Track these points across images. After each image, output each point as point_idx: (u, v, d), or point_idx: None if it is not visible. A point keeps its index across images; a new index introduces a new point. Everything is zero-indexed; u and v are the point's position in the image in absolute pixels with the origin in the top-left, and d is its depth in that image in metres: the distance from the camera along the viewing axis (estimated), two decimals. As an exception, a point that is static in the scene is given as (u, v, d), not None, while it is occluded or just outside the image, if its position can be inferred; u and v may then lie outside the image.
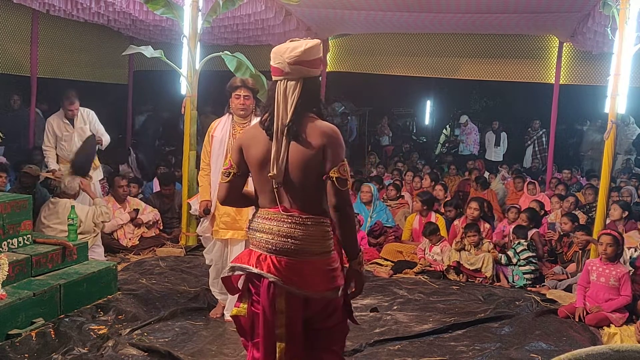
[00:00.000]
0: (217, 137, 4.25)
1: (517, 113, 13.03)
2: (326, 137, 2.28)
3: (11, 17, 7.37)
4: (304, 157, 2.28)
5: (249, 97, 4.18)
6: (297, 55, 2.30)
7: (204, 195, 4.32)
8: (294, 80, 2.32)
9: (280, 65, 2.33)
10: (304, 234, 2.30)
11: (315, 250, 2.31)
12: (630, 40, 5.04)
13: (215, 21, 6.65)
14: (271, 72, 2.38)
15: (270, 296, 2.28)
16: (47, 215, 5.28)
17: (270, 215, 2.35)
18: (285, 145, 2.29)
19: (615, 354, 0.95)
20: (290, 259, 2.29)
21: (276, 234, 2.31)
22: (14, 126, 7.69)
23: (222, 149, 4.22)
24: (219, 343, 3.86)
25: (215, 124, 4.32)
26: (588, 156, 11.42)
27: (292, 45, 2.34)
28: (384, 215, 6.81)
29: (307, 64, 2.33)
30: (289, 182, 2.31)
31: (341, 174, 2.27)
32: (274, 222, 2.33)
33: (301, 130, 2.28)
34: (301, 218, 2.31)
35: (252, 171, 2.42)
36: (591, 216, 6.39)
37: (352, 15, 7.67)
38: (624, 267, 4.55)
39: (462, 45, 9.05)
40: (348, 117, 13.34)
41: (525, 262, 5.45)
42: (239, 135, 2.70)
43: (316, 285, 2.30)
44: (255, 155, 2.37)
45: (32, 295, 3.83)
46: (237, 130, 4.24)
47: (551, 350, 3.94)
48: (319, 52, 2.39)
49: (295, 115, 2.29)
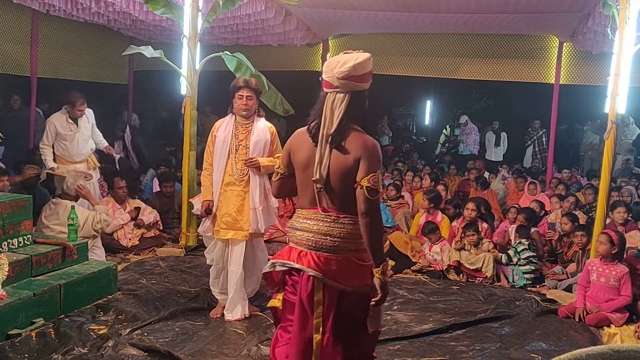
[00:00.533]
0: (220, 137, 4.25)
1: (517, 113, 13.02)
2: (363, 149, 2.47)
3: (11, 17, 7.36)
4: (343, 165, 2.48)
5: (251, 97, 4.19)
6: (346, 71, 2.47)
7: (206, 195, 4.32)
8: (342, 93, 2.51)
9: (330, 79, 2.51)
10: (340, 232, 2.51)
11: (351, 247, 2.52)
12: (630, 40, 5.04)
13: (215, 21, 6.65)
14: (322, 84, 2.57)
15: (309, 289, 2.47)
16: (48, 216, 5.28)
17: (311, 215, 2.57)
18: (328, 152, 2.50)
19: (615, 354, 0.95)
20: (329, 255, 2.50)
21: (316, 232, 2.52)
22: (14, 126, 7.68)
23: (224, 149, 4.23)
24: (219, 343, 3.86)
25: (219, 124, 4.33)
26: (588, 156, 11.42)
27: (343, 59, 2.51)
28: (383, 215, 6.80)
29: (355, 79, 2.50)
30: (328, 185, 2.51)
31: (371, 184, 2.45)
32: (313, 221, 2.55)
33: (343, 141, 2.49)
34: (338, 218, 2.52)
35: (297, 173, 2.65)
36: (591, 216, 6.39)
37: (352, 15, 7.67)
38: (623, 267, 4.55)
39: (462, 45, 9.04)
40: None
41: (526, 261, 5.45)
42: (291, 139, 2.75)
43: (351, 280, 2.50)
44: (300, 158, 2.61)
45: (32, 295, 3.83)
46: (240, 130, 4.24)
47: (551, 350, 3.95)
48: (369, 66, 2.54)
49: (339, 126, 2.49)
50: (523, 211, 6.23)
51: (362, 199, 2.45)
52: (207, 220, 4.34)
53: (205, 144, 4.45)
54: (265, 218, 4.23)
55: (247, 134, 4.23)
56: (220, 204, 4.26)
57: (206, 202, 4.31)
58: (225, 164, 4.24)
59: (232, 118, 4.27)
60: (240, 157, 4.20)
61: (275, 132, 4.36)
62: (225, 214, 4.20)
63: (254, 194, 4.18)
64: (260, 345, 3.80)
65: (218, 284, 4.39)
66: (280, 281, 2.63)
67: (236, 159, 4.21)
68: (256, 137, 4.21)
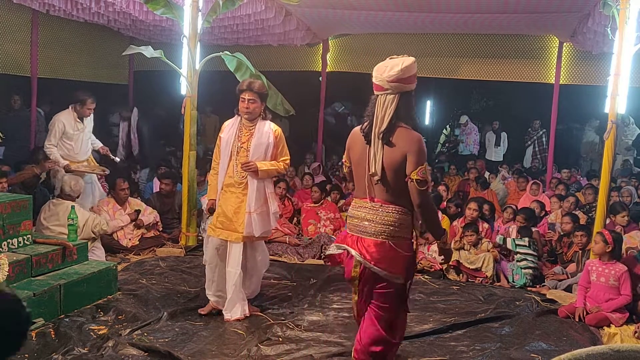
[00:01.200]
0: (224, 138, 4.27)
1: (517, 113, 12.99)
2: (410, 144, 2.76)
3: (11, 17, 7.36)
4: (393, 159, 2.77)
5: (254, 100, 4.16)
6: (395, 74, 2.75)
7: (211, 194, 4.37)
8: (392, 94, 2.80)
9: (380, 83, 2.81)
10: (382, 219, 2.82)
11: (390, 233, 2.82)
12: (630, 40, 5.04)
13: (215, 21, 6.64)
14: (373, 87, 2.85)
15: (352, 265, 2.89)
16: (47, 217, 5.28)
17: (361, 203, 2.91)
18: (380, 148, 2.80)
19: (615, 354, 0.95)
20: (369, 238, 2.83)
21: (362, 219, 2.88)
22: (14, 126, 7.69)
23: (227, 149, 4.24)
24: (218, 343, 3.86)
25: (225, 125, 4.34)
26: (588, 156, 11.41)
27: (390, 64, 2.79)
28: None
29: (403, 81, 2.78)
30: (382, 179, 2.82)
31: (420, 176, 2.73)
32: (362, 209, 2.89)
33: (391, 138, 2.78)
34: (382, 206, 2.83)
35: (352, 167, 3.00)
36: (591, 216, 6.39)
37: (352, 15, 7.67)
38: (622, 266, 4.55)
39: (462, 45, 9.04)
40: (348, 117, 13.31)
41: (522, 257, 5.46)
42: (349, 137, 3.03)
43: (383, 264, 2.80)
44: (354, 154, 2.95)
45: (32, 295, 3.83)
46: (244, 132, 4.23)
47: (551, 350, 3.95)
48: (414, 69, 2.82)
49: (389, 125, 2.77)
50: (522, 211, 6.23)
51: (414, 191, 2.76)
52: (209, 219, 4.37)
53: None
54: (261, 223, 4.19)
55: (249, 136, 4.22)
56: (219, 203, 4.26)
57: (211, 201, 4.36)
58: (227, 165, 4.25)
59: (237, 120, 4.27)
60: (240, 160, 4.19)
61: (280, 135, 4.32)
62: (222, 214, 4.20)
63: (251, 198, 4.15)
64: (260, 345, 3.80)
65: (212, 286, 4.34)
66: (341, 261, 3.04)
67: (237, 161, 4.20)
68: (257, 141, 4.19)
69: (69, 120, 5.91)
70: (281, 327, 4.14)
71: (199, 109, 6.35)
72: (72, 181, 5.41)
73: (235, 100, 4.24)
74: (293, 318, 4.35)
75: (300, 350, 3.76)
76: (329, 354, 3.74)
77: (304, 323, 4.27)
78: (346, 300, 4.85)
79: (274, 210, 4.30)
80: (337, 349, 3.80)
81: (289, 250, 6.22)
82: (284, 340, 3.93)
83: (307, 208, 7.01)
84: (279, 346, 3.81)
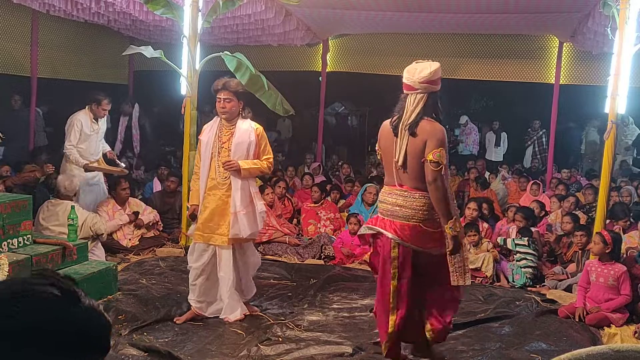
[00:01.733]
0: (204, 140, 4.18)
1: (517, 113, 12.99)
2: (429, 132, 3.17)
3: (11, 17, 7.36)
4: (416, 148, 3.18)
5: (230, 100, 4.06)
6: (425, 76, 3.19)
7: (193, 199, 4.26)
8: (421, 94, 3.22)
9: (411, 83, 3.22)
10: (411, 204, 3.21)
11: (420, 217, 3.22)
12: (630, 40, 5.04)
13: (215, 21, 6.64)
14: (403, 87, 3.26)
15: (389, 247, 3.23)
16: (47, 217, 5.27)
17: (391, 190, 3.30)
18: (406, 139, 3.19)
19: (616, 354, 0.95)
20: (402, 222, 3.22)
21: (393, 204, 3.25)
22: (14, 126, 7.69)
23: (208, 151, 4.13)
24: (218, 343, 3.86)
25: (205, 127, 4.25)
26: (588, 156, 11.41)
27: (420, 67, 3.22)
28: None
29: (432, 83, 3.24)
30: (405, 166, 3.22)
31: (435, 158, 3.11)
32: (392, 195, 3.28)
33: (416, 129, 3.17)
34: (410, 193, 3.23)
35: (382, 157, 3.39)
36: (591, 216, 6.39)
37: (352, 15, 7.67)
38: (621, 266, 4.55)
39: (462, 45, 9.04)
40: (348, 117, 13.34)
41: (522, 256, 5.46)
42: (380, 130, 3.41)
43: (421, 242, 3.23)
44: (384, 145, 3.37)
45: (32, 295, 3.82)
46: (224, 132, 4.13)
47: (551, 350, 3.94)
48: (440, 73, 3.29)
49: (415, 118, 3.18)
50: (521, 210, 6.24)
51: (428, 171, 3.15)
52: (194, 224, 4.25)
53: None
54: (248, 223, 4.08)
55: (230, 136, 4.12)
56: (203, 207, 4.15)
57: (193, 206, 4.23)
58: (208, 167, 4.13)
59: (216, 120, 4.19)
60: (222, 160, 4.09)
61: (262, 133, 4.21)
62: (207, 218, 4.10)
63: (235, 198, 4.05)
64: (260, 345, 3.80)
65: (195, 291, 4.22)
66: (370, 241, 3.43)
67: (219, 161, 4.10)
68: (238, 139, 4.09)
69: (86, 120, 5.89)
70: (281, 327, 4.14)
71: (199, 109, 6.35)
72: (65, 181, 5.40)
73: None
74: (293, 318, 4.35)
75: (300, 350, 3.76)
76: (329, 354, 3.74)
77: (304, 323, 4.27)
78: (346, 300, 4.85)
79: (260, 209, 4.18)
80: (337, 349, 3.80)
81: (289, 250, 6.22)
82: (283, 340, 3.93)
83: (307, 208, 7.01)
84: (279, 346, 3.81)
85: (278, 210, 6.83)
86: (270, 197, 6.67)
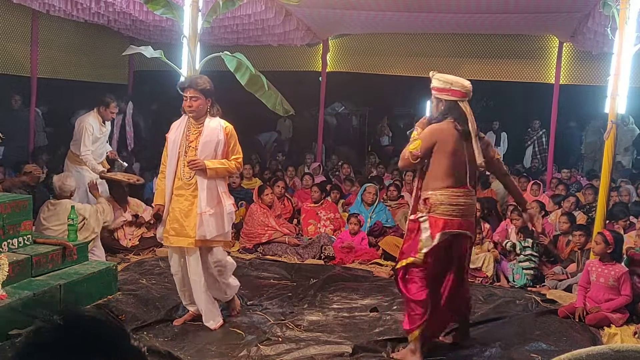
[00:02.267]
0: (171, 139, 4.03)
1: (517, 113, 12.99)
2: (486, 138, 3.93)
3: (11, 17, 7.36)
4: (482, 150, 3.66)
5: (196, 98, 3.90)
6: (470, 87, 3.71)
7: (158, 199, 4.06)
8: (467, 101, 3.70)
9: (465, 92, 3.68)
10: (474, 200, 3.74)
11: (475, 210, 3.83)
12: (630, 40, 5.03)
13: (215, 21, 6.63)
14: (454, 94, 3.65)
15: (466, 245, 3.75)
16: (47, 217, 5.27)
17: (460, 192, 3.59)
18: (477, 144, 3.59)
19: (616, 354, 0.95)
20: (469, 219, 3.68)
21: (465, 203, 3.61)
22: (14, 126, 7.69)
23: (175, 150, 3.97)
24: (218, 343, 3.86)
25: (172, 126, 4.09)
26: (588, 156, 11.41)
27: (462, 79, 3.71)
28: (383, 215, 6.82)
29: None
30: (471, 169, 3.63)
31: (499, 155, 4.02)
32: (462, 196, 3.60)
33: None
34: (471, 191, 3.68)
35: (444, 159, 3.58)
36: (591, 216, 6.39)
37: (352, 15, 7.67)
38: (622, 267, 4.55)
39: (462, 45, 9.03)
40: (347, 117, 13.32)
41: (526, 258, 5.46)
42: (436, 133, 3.61)
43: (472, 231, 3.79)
44: (449, 148, 3.56)
45: (32, 295, 3.83)
46: (192, 130, 3.97)
47: (551, 350, 3.94)
48: None
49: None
50: (518, 210, 6.23)
51: (501, 165, 4.04)
52: (161, 226, 4.06)
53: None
54: (215, 224, 3.91)
55: (198, 134, 3.97)
56: (170, 208, 3.99)
57: (157, 206, 4.03)
58: (175, 166, 3.97)
59: (184, 118, 4.04)
60: (188, 159, 3.93)
61: (232, 132, 4.04)
62: (173, 220, 3.95)
63: (201, 198, 3.88)
64: (260, 345, 3.80)
65: (185, 295, 4.15)
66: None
67: (185, 161, 3.94)
68: (205, 138, 3.94)
69: (96, 124, 5.87)
70: (281, 327, 4.14)
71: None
72: (58, 181, 5.40)
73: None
74: (293, 318, 4.35)
75: (300, 350, 3.76)
76: (329, 354, 3.74)
77: (304, 323, 4.27)
78: (346, 300, 4.85)
79: (229, 210, 4.01)
80: (337, 349, 3.80)
81: (289, 250, 6.22)
82: (283, 340, 3.93)
83: (307, 208, 7.01)
84: (279, 346, 3.81)
85: (277, 211, 6.83)
86: (269, 197, 6.67)
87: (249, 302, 4.66)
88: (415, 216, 3.70)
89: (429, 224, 3.58)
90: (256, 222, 6.48)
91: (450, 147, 3.55)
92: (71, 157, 6.05)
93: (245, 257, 6.03)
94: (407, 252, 3.67)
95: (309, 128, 10.95)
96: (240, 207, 7.19)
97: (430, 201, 3.59)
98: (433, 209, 3.57)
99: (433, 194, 3.59)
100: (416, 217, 3.67)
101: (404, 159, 3.71)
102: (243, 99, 6.79)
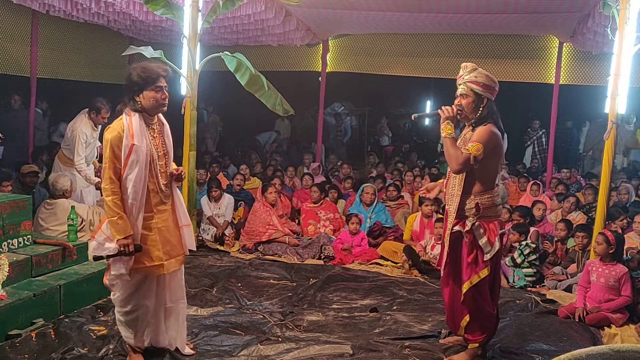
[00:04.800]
0: (141, 146, 3.18)
1: (517, 113, 13.01)
2: None
3: (11, 17, 7.36)
4: None
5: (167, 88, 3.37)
6: None
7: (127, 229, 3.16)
8: None
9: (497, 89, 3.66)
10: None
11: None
12: (630, 40, 5.04)
13: (215, 21, 6.64)
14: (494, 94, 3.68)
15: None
16: (45, 217, 5.27)
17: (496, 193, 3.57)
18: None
19: (616, 354, 0.95)
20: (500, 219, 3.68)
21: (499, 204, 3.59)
22: (14, 126, 7.69)
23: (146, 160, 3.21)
24: (218, 343, 3.86)
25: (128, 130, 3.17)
26: (588, 156, 11.41)
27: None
28: (382, 215, 6.82)
29: None
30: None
31: None
32: (497, 197, 3.58)
33: None
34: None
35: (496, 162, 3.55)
36: (591, 216, 6.39)
37: (352, 16, 7.67)
38: (623, 267, 4.55)
39: (462, 45, 9.04)
40: (342, 118, 13.30)
41: (529, 264, 5.45)
42: (495, 137, 3.53)
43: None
44: (501, 152, 3.57)
45: (32, 295, 3.83)
46: (154, 132, 3.31)
47: (551, 351, 3.94)
48: None
49: None
50: (517, 209, 6.25)
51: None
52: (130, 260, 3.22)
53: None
54: (191, 236, 3.53)
55: (159, 134, 3.34)
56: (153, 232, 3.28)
57: (129, 237, 3.16)
58: (146, 179, 3.21)
59: (136, 118, 3.22)
60: (162, 169, 3.31)
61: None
62: (164, 242, 3.31)
63: (180, 210, 3.42)
64: (260, 345, 3.80)
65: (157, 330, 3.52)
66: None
67: (159, 170, 3.29)
68: (167, 137, 3.39)
69: (88, 130, 5.82)
70: (281, 327, 4.14)
71: (199, 109, 6.35)
72: (52, 181, 5.40)
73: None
74: (293, 318, 4.35)
75: (300, 350, 3.76)
76: (329, 354, 3.73)
77: (304, 323, 4.27)
78: (346, 300, 4.85)
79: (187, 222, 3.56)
80: (337, 349, 3.80)
81: (289, 250, 6.22)
82: (283, 340, 3.93)
83: (306, 208, 7.01)
84: (279, 346, 3.81)
85: (280, 210, 6.83)
86: (273, 196, 6.68)
87: (249, 302, 4.66)
88: (464, 225, 3.50)
89: (483, 229, 3.48)
90: (258, 220, 6.49)
91: (501, 151, 3.54)
92: (62, 158, 6.03)
93: (245, 257, 6.03)
94: (473, 268, 3.50)
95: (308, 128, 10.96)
96: (239, 207, 7.20)
97: (482, 206, 3.49)
98: (483, 213, 3.48)
99: (482, 198, 3.50)
100: (466, 226, 3.49)
101: (466, 162, 3.39)
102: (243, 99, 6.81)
